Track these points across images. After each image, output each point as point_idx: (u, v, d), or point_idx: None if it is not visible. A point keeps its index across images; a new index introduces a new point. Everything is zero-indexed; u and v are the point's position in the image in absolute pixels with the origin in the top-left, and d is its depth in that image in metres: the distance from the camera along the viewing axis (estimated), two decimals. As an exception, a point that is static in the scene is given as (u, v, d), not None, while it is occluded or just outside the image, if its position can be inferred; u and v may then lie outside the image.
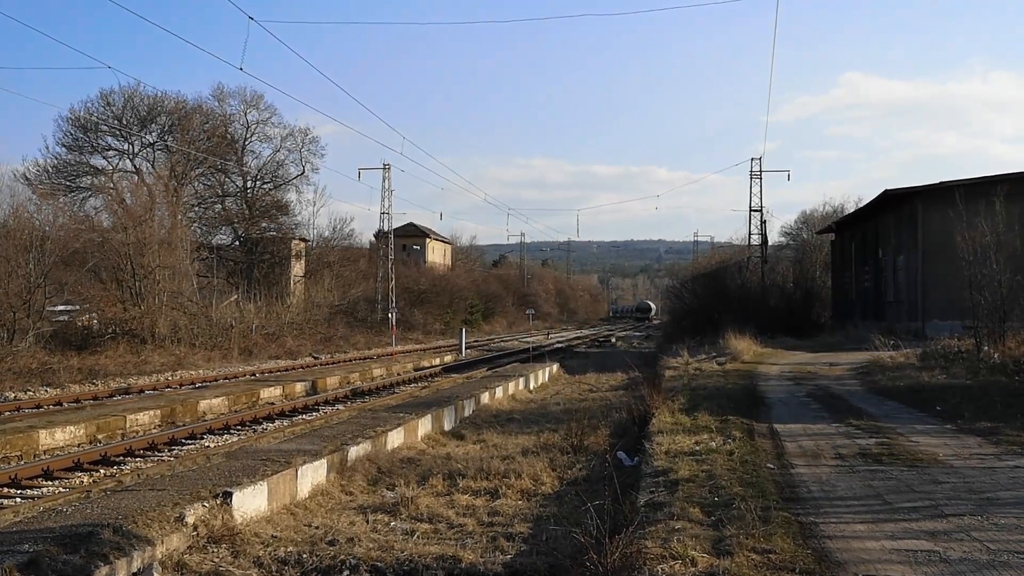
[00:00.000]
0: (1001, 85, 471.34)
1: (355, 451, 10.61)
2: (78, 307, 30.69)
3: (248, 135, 52.81)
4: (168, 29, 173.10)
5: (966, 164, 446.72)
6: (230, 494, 7.74)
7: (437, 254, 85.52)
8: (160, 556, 6.64)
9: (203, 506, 7.43)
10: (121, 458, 12.80)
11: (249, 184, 53.02)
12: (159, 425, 16.14)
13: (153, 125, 48.74)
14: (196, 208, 49.57)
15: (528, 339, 44.77)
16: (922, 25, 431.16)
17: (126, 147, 48.64)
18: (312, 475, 9.36)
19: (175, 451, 13.63)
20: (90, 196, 46.41)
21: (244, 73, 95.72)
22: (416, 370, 29.62)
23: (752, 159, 47.78)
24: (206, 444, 14.26)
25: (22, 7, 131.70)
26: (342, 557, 6.91)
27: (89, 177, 47.51)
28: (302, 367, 29.27)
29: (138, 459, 12.89)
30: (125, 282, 30.84)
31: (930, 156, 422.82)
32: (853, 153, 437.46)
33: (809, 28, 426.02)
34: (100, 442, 14.19)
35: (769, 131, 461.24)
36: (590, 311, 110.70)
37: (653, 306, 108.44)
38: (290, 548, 7.18)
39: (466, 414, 15.85)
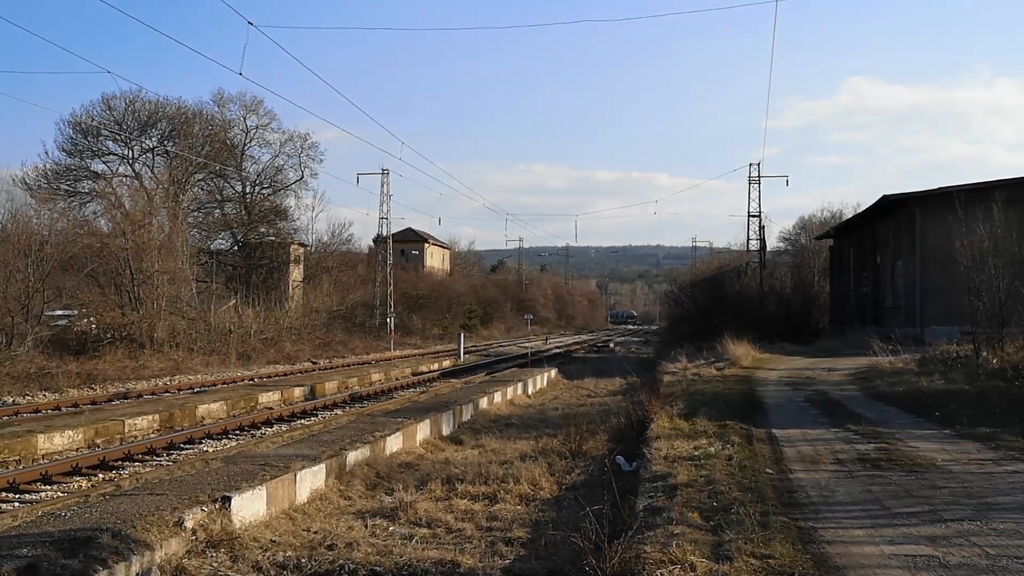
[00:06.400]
0: (1004, 91, 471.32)
1: (354, 456, 10.61)
2: (76, 312, 30.65)
3: (247, 140, 52.92)
4: (168, 34, 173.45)
5: (967, 170, 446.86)
6: (229, 499, 7.73)
7: (435, 259, 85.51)
8: (159, 560, 6.64)
9: (202, 511, 7.43)
10: (120, 463, 12.78)
11: (248, 189, 53.07)
12: (157, 430, 16.12)
13: (153, 130, 48.82)
14: (195, 213, 49.59)
15: (526, 344, 44.75)
16: (927, 30, 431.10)
17: (126, 152, 48.73)
18: (311, 480, 9.35)
19: (174, 456, 13.61)
20: (89, 201, 46.48)
21: (244, 78, 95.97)
22: (414, 375, 29.60)
23: (751, 164, 47.86)
24: (205, 449, 14.24)
25: (22, 10, 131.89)
26: (341, 562, 6.91)
27: (89, 182, 47.55)
28: (300, 372, 29.24)
29: (137, 464, 12.87)
30: (124, 287, 30.83)
31: (932, 162, 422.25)
32: (855, 159, 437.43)
33: (813, 33, 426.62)
34: (99, 447, 14.16)
35: (772, 137, 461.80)
36: (588, 316, 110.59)
37: (636, 313, 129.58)
38: (289, 553, 7.18)
39: (465, 419, 15.84)
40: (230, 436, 15.62)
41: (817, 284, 49.86)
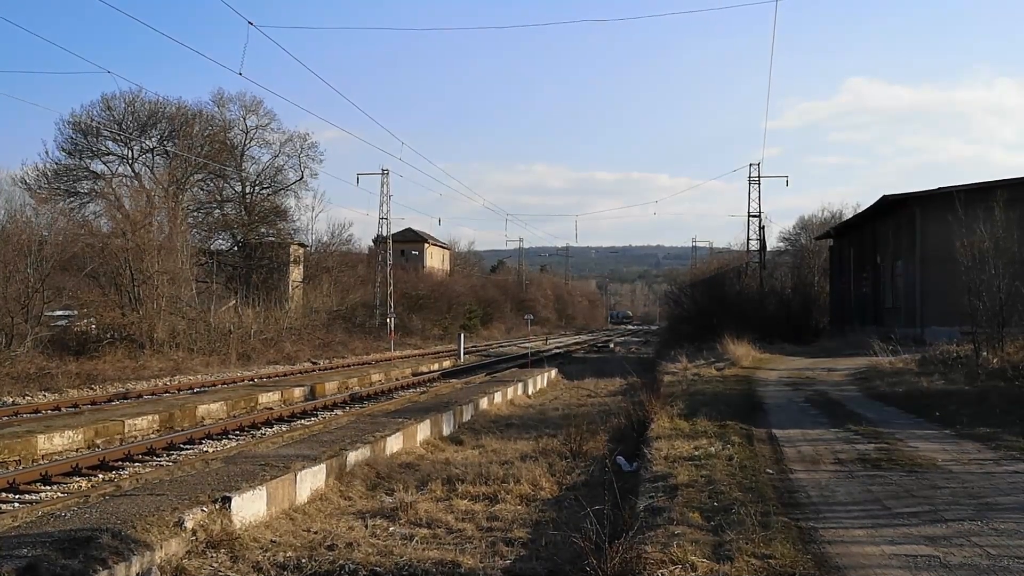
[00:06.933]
0: (1004, 91, 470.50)
1: (354, 456, 10.60)
2: (76, 312, 30.65)
3: (247, 140, 52.95)
4: (168, 34, 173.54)
5: (967, 170, 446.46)
6: (229, 499, 7.73)
7: (435, 260, 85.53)
8: (159, 561, 6.64)
9: (202, 511, 7.42)
10: (120, 463, 12.77)
11: (248, 189, 53.10)
12: (157, 430, 16.11)
13: (153, 130, 48.84)
14: (195, 213, 49.61)
15: (526, 344, 44.75)
16: (927, 30, 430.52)
17: (126, 152, 48.75)
18: (311, 480, 9.35)
19: (174, 456, 13.61)
20: (89, 201, 46.53)
21: (244, 78, 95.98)
22: (415, 375, 29.60)
23: (751, 165, 47.88)
24: (205, 449, 14.24)
25: (22, 10, 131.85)
26: (341, 562, 6.91)
27: (88, 182, 47.58)
28: (300, 372, 29.24)
29: (137, 464, 12.87)
30: (124, 287, 30.82)
31: (932, 162, 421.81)
32: (855, 159, 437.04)
33: (813, 33, 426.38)
34: (99, 447, 14.16)
35: (772, 137, 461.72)
36: (588, 317, 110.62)
37: (631, 314, 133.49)
38: (289, 553, 7.17)
39: (465, 419, 15.84)
40: (230, 436, 15.62)
41: (817, 284, 49.85)
